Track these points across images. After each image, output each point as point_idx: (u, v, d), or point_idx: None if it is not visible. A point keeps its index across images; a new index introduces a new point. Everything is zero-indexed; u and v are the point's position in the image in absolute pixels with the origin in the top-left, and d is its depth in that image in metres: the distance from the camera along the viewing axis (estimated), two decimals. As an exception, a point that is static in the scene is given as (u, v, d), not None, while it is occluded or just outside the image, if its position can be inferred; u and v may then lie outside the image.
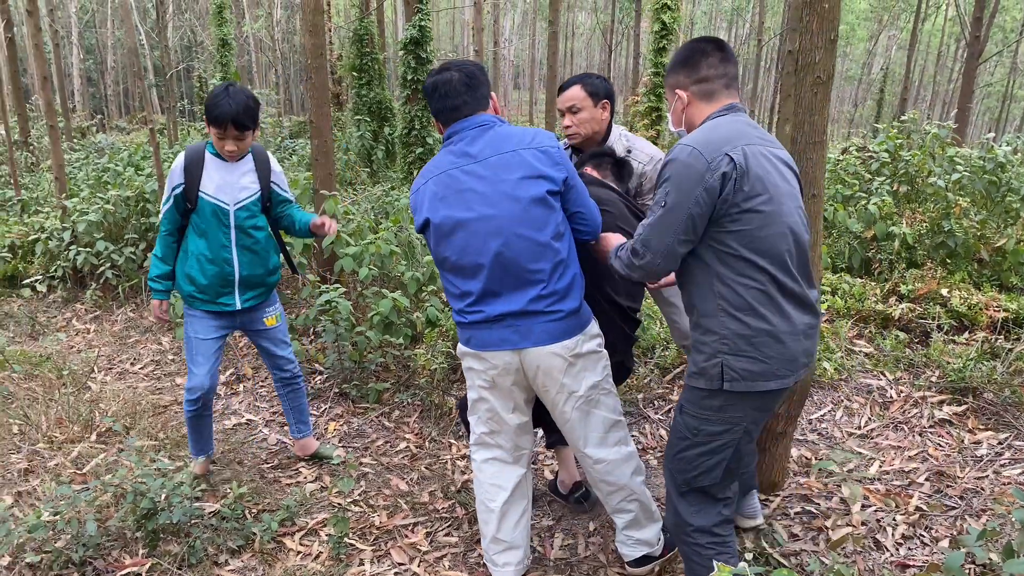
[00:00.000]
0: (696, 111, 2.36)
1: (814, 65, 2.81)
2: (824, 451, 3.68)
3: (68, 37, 33.56)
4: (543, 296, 2.39)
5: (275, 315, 3.58)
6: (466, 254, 2.42)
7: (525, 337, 2.42)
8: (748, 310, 2.15)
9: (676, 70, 2.40)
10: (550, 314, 2.41)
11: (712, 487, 2.36)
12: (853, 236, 5.84)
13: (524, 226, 2.36)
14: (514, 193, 2.36)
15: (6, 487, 3.59)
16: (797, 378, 2.26)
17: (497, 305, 2.43)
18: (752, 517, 3.01)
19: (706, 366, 2.23)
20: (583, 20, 49.22)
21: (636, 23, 22.75)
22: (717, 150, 2.11)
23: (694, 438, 2.32)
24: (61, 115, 17.67)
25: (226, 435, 4.24)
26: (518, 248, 2.36)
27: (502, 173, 2.38)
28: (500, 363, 2.50)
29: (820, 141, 2.87)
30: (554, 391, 2.51)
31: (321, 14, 4.95)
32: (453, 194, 2.42)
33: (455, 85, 2.47)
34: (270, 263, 3.46)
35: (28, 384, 4.85)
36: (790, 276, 2.19)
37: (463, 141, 2.47)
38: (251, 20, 32.98)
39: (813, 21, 2.79)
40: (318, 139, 5.40)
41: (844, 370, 4.34)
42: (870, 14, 39.31)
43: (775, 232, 2.15)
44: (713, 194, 2.10)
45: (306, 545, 3.15)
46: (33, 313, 6.63)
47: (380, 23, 18.25)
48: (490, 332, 2.47)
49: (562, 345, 2.43)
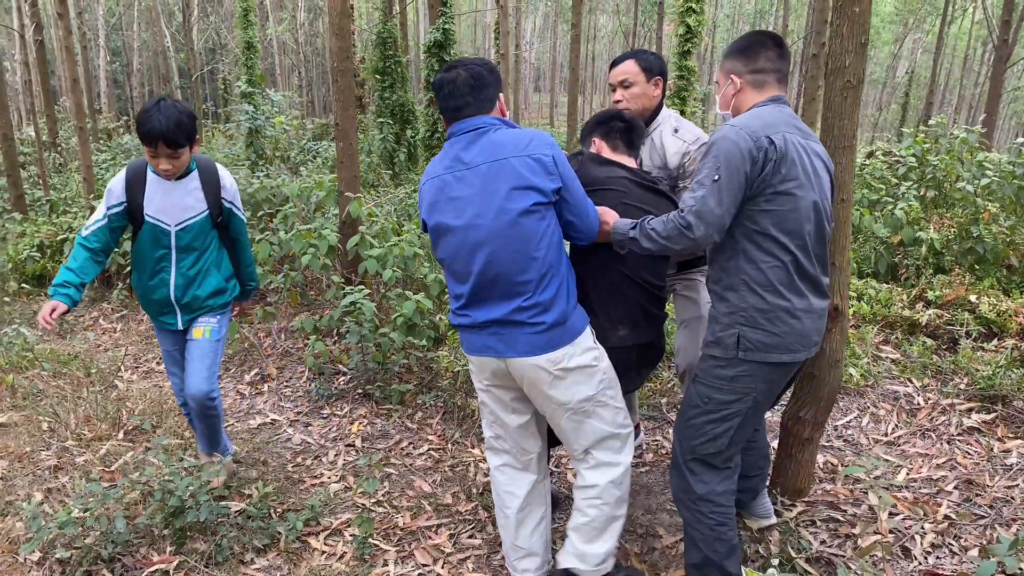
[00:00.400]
0: (745, 98, 2.50)
1: (844, 69, 2.79)
2: (850, 458, 3.64)
3: (95, 39, 33.98)
4: (525, 307, 2.36)
5: (206, 328, 3.31)
6: (456, 260, 2.43)
7: (510, 347, 2.41)
8: (769, 287, 2.31)
9: (734, 57, 2.52)
10: (533, 325, 2.37)
11: (715, 455, 2.48)
12: (879, 241, 5.78)
13: (511, 238, 2.33)
14: (503, 205, 2.32)
15: (36, 483, 3.64)
16: (808, 355, 2.41)
17: (483, 311, 2.42)
18: (765, 516, 3.02)
19: (723, 335, 2.39)
20: (604, 23, 49.15)
21: (658, 26, 22.68)
22: (761, 132, 2.25)
23: (705, 406, 2.45)
24: (88, 116, 17.90)
25: (251, 434, 4.27)
26: (504, 259, 2.34)
27: (492, 183, 2.34)
28: (488, 369, 2.52)
29: (850, 146, 2.84)
30: (540, 401, 2.49)
31: (347, 17, 4.98)
32: (445, 200, 2.42)
33: (459, 85, 2.43)
34: (214, 285, 3.30)
35: (57, 382, 4.91)
36: (810, 259, 2.35)
37: (459, 145, 2.45)
38: (275, 23, 33.24)
39: (843, 25, 2.77)
40: (343, 141, 5.44)
41: (870, 376, 4.30)
42: (895, 17, 38.94)
43: (803, 216, 2.29)
44: (755, 172, 2.25)
45: (330, 545, 3.16)
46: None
47: (403, 26, 18.33)
48: (477, 337, 2.48)
49: (546, 358, 2.38)
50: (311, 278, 6.40)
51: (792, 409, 3.12)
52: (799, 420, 3.09)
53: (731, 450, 2.49)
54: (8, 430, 4.21)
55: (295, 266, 5.85)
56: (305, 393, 4.84)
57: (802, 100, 13.44)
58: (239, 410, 4.66)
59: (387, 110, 15.50)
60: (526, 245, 2.33)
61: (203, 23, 33.26)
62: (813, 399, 3.04)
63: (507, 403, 2.61)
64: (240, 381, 5.12)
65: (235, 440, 4.13)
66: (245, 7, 17.59)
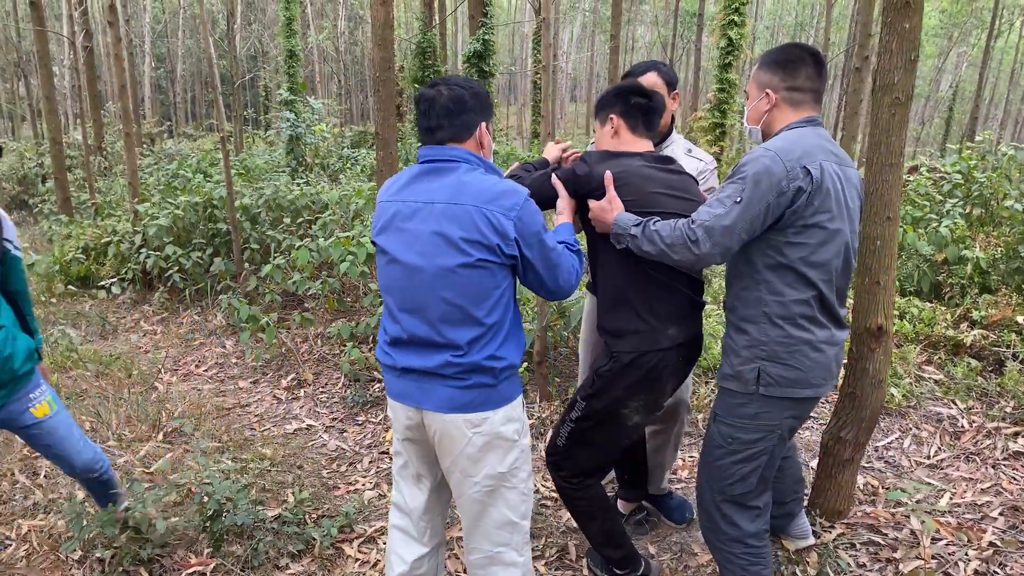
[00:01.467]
0: (780, 116, 2.36)
1: (892, 86, 2.75)
2: (891, 480, 3.57)
3: (141, 46, 34.73)
4: (453, 363, 2.12)
5: (45, 401, 2.72)
6: (392, 293, 2.21)
7: (427, 397, 2.17)
8: (791, 320, 2.21)
9: (771, 70, 2.36)
10: (458, 379, 2.13)
11: (746, 495, 2.39)
12: (923, 259, 5.68)
13: (453, 289, 2.09)
14: (450, 252, 2.08)
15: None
16: (830, 388, 2.31)
17: (407, 356, 2.19)
18: (803, 537, 2.96)
19: (742, 370, 2.28)
20: (643, 33, 49.05)
21: (698, 37, 22.58)
22: (797, 161, 2.13)
23: (729, 446, 2.35)
24: (133, 121, 18.28)
25: (286, 439, 4.31)
26: (440, 312, 2.11)
27: (445, 226, 2.08)
28: (403, 417, 2.28)
29: (896, 163, 2.80)
30: (448, 465, 2.25)
31: (391, 28, 5.03)
32: (395, 228, 2.19)
33: (436, 105, 2.17)
34: (25, 346, 2.63)
35: (99, 382, 5.00)
36: (833, 293, 2.26)
37: (422, 172, 2.20)
38: (316, 31, 33.69)
39: (893, 41, 2.73)
40: (383, 150, 5.48)
41: (913, 397, 4.21)
42: (940, 30, 38.31)
43: (832, 250, 2.20)
44: (784, 202, 2.13)
45: (364, 553, 3.17)
46: (104, 313, 6.85)
47: (442, 36, 18.47)
48: (396, 381, 2.24)
49: (464, 418, 2.15)
50: (348, 285, 6.45)
51: (833, 429, 3.07)
52: (840, 440, 3.04)
53: (761, 487, 2.42)
54: (51, 429, 4.29)
55: (333, 273, 5.90)
56: (340, 399, 4.87)
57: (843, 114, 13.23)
58: (275, 415, 4.71)
59: (425, 119, 15.60)
60: (468, 300, 2.10)
61: (246, 31, 33.81)
62: (854, 419, 2.99)
63: (416, 461, 2.37)
64: (277, 386, 5.18)
65: (271, 444, 4.17)
66: (289, 16, 17.85)
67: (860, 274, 2.91)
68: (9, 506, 3.50)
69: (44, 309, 7.06)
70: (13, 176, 18.27)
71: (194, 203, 7.43)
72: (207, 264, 7.02)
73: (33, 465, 3.86)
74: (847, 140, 10.73)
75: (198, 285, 7.01)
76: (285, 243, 6.82)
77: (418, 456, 2.36)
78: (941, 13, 36.59)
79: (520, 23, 42.50)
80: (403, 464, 2.41)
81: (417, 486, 2.40)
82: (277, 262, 5.81)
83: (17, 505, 3.51)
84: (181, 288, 6.98)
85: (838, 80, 28.60)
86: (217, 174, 10.35)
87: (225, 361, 5.73)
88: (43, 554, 3.11)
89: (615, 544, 2.75)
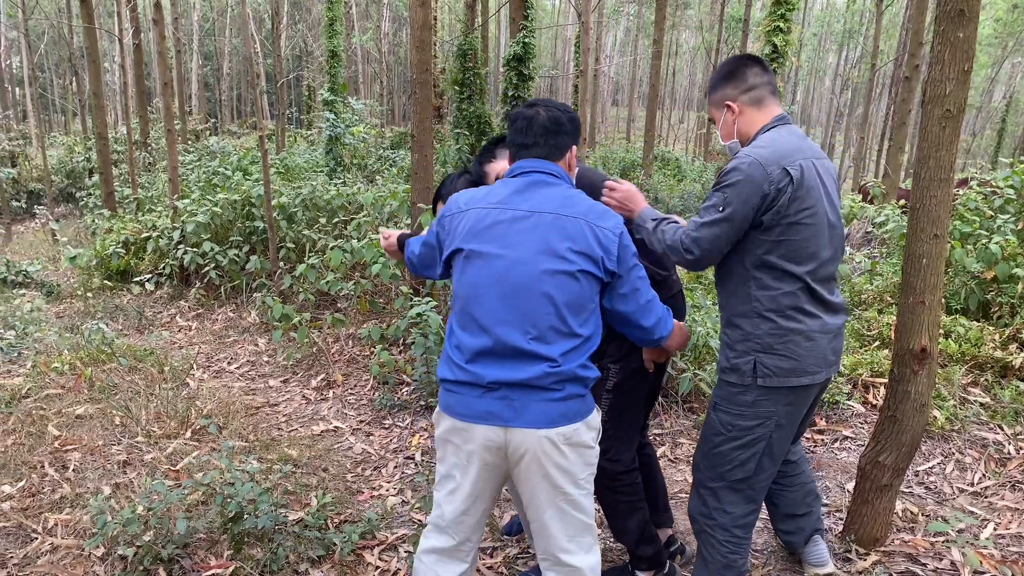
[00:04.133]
0: (748, 120, 2.45)
1: (944, 98, 2.63)
2: (932, 507, 3.43)
3: (190, 44, 35.36)
4: (550, 373, 2.06)
5: None
6: (481, 298, 2.11)
7: (519, 414, 2.07)
8: (780, 313, 2.32)
9: (722, 84, 2.48)
10: (553, 391, 2.08)
11: (744, 480, 2.46)
12: (971, 276, 5.49)
13: (559, 290, 2.07)
14: (557, 259, 2.08)
15: (105, 477, 3.72)
16: (828, 375, 2.41)
17: (495, 369, 2.08)
18: (819, 564, 2.84)
19: (738, 363, 2.39)
20: (687, 38, 48.67)
21: (743, 43, 22.30)
22: (777, 164, 2.23)
23: (728, 433, 2.44)
24: (178, 118, 18.58)
25: (313, 440, 4.29)
26: (539, 318, 2.07)
27: (555, 234, 2.10)
28: (479, 439, 2.12)
29: (946, 179, 2.68)
30: (535, 481, 2.15)
31: (429, 30, 5.00)
32: (490, 231, 2.14)
33: (535, 124, 2.24)
34: None
35: (132, 377, 5.04)
36: (821, 282, 2.35)
37: (514, 186, 2.21)
38: (360, 32, 33.97)
39: (945, 51, 2.61)
40: (419, 153, 5.46)
41: (956, 420, 4.06)
42: (994, 40, 37.40)
43: (817, 243, 2.30)
44: (767, 204, 2.24)
45: (385, 560, 3.13)
46: (141, 308, 6.93)
47: (484, 39, 18.47)
48: (478, 400, 2.10)
49: (558, 432, 2.09)
50: (381, 287, 6.44)
51: (871, 453, 2.95)
52: (878, 465, 2.92)
53: (759, 476, 2.47)
54: (84, 422, 4.34)
55: (366, 274, 5.89)
56: (369, 402, 4.85)
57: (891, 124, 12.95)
58: (304, 415, 4.70)
59: (464, 121, 15.62)
60: (568, 308, 2.08)
61: (291, 30, 34.24)
62: (894, 444, 2.87)
63: (481, 484, 2.21)
64: (306, 386, 5.18)
65: (297, 445, 4.16)
66: (332, 16, 18.00)
67: (904, 293, 2.79)
68: (37, 499, 3.52)
69: (83, 302, 7.17)
70: (62, 169, 18.72)
71: (232, 201, 7.50)
72: (243, 262, 7.08)
73: (62, 458, 3.89)
74: (894, 151, 10.49)
75: (234, 282, 7.07)
76: (320, 243, 6.84)
77: (485, 479, 2.20)
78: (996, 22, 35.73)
79: (563, 26, 42.42)
80: (454, 488, 2.24)
81: (472, 507, 2.25)
82: (311, 262, 5.81)
83: (45, 498, 3.53)
84: (217, 285, 7.04)
85: (886, 89, 28.04)
86: (257, 172, 10.44)
87: (257, 359, 5.75)
88: (67, 549, 3.12)
89: (650, 538, 2.76)
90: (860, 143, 25.04)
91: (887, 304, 5.51)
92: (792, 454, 2.79)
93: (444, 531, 2.29)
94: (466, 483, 2.20)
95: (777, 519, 2.90)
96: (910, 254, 2.74)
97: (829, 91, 49.77)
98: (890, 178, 10.41)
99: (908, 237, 2.76)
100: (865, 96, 26.51)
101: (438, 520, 2.30)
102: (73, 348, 5.48)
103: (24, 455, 3.89)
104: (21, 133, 22.12)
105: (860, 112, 30.30)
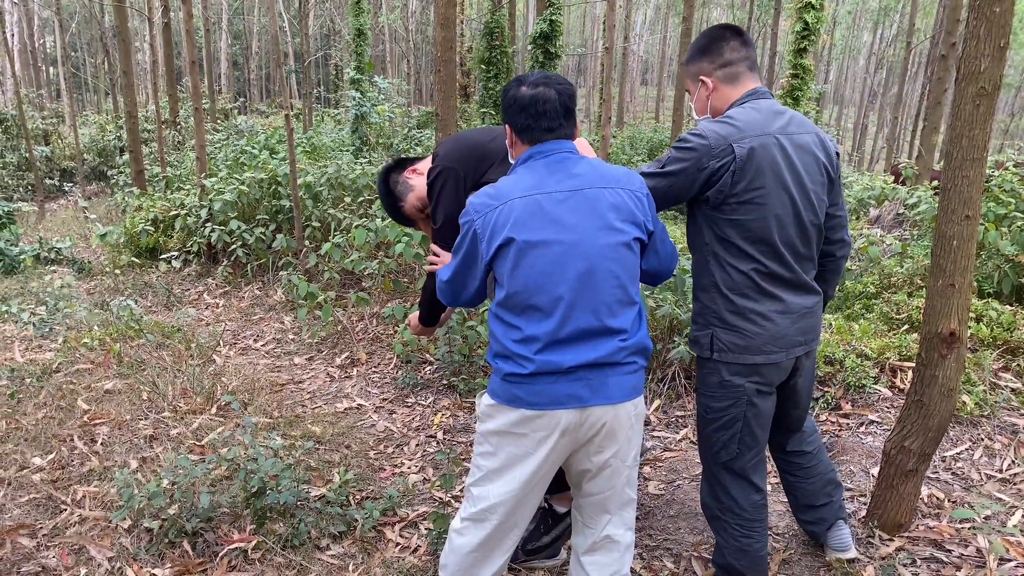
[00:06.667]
0: (721, 96, 2.44)
1: (978, 75, 2.55)
2: (958, 493, 3.38)
3: (219, 23, 35.53)
4: (623, 347, 2.11)
5: None
6: (544, 285, 2.06)
7: (597, 392, 2.09)
8: (736, 290, 2.35)
9: (698, 58, 2.47)
10: (627, 365, 2.13)
11: (733, 461, 2.49)
12: (1005, 259, 5.37)
13: (618, 263, 2.09)
14: (611, 232, 2.09)
15: (133, 451, 3.78)
16: (791, 355, 2.41)
17: (572, 352, 2.07)
18: (842, 550, 2.82)
19: (699, 335, 2.46)
20: (718, 16, 47.92)
21: (775, 21, 21.93)
22: (725, 140, 2.25)
23: (707, 415, 2.50)
24: (207, 97, 18.70)
25: (336, 418, 4.33)
26: (607, 293, 2.08)
27: (603, 208, 2.10)
28: (556, 424, 2.10)
29: (979, 158, 2.61)
30: (606, 455, 2.18)
31: (453, 7, 4.96)
32: (540, 218, 2.08)
33: (555, 104, 2.16)
34: None
35: (159, 353, 5.11)
36: (781, 263, 2.34)
37: (557, 163, 2.17)
38: (387, 11, 33.89)
39: (980, 26, 2.53)
40: (443, 132, 5.43)
41: (986, 406, 3.98)
42: (1035, 17, 36.39)
43: (770, 224, 2.29)
44: (706, 177, 2.27)
45: (405, 537, 3.16)
46: (169, 285, 7.01)
47: (512, 16, 18.33)
48: (556, 386, 2.07)
49: (632, 403, 2.17)
50: (404, 266, 6.45)
51: (896, 437, 2.91)
52: (903, 450, 2.88)
53: (745, 457, 2.49)
54: (112, 397, 4.41)
55: (390, 253, 5.90)
56: (392, 380, 4.88)
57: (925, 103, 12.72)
58: (327, 393, 4.74)
59: (490, 100, 15.56)
60: (628, 278, 2.12)
61: (319, 9, 34.22)
62: (921, 429, 2.83)
63: (548, 468, 2.19)
64: (331, 364, 5.21)
65: (320, 422, 4.20)
66: (359, -6, 17.96)
67: (933, 275, 2.73)
68: (66, 471, 3.59)
69: (113, 279, 7.27)
70: (93, 148, 18.96)
71: (259, 179, 7.53)
72: (270, 240, 7.12)
73: (91, 432, 3.96)
74: (929, 131, 10.26)
75: (260, 261, 7.12)
76: (345, 222, 6.86)
77: (553, 463, 2.18)
78: (1037, -2, 34.74)
79: (591, 3, 41.97)
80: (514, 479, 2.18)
81: (531, 494, 2.22)
82: (336, 241, 5.83)
83: (74, 471, 3.60)
84: (244, 263, 7.09)
85: (922, 68, 27.45)
86: (283, 151, 10.48)
87: (282, 337, 5.80)
88: (95, 520, 3.18)
89: None
90: (894, 124, 24.58)
91: (917, 287, 5.42)
92: (807, 444, 2.76)
93: (492, 526, 2.22)
94: (528, 473, 2.15)
95: (797, 510, 2.88)
96: (940, 235, 2.68)
97: (863, 70, 48.86)
98: (923, 159, 10.21)
99: (939, 218, 2.70)
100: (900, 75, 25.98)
101: (485, 515, 2.22)
102: (103, 324, 5.56)
103: (54, 428, 3.97)
104: (55, 112, 22.42)
105: (894, 92, 29.70)
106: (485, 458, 2.22)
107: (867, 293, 5.60)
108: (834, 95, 49.77)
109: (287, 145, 6.56)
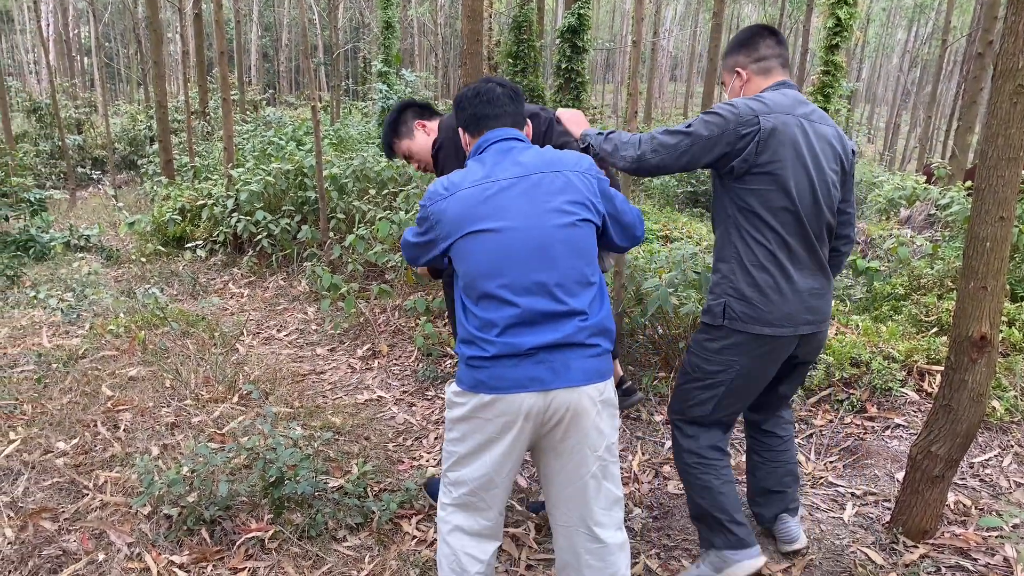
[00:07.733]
0: (753, 86, 2.57)
1: (1016, 72, 2.48)
2: (986, 500, 3.31)
3: (249, 15, 35.76)
4: (583, 327, 2.10)
5: None
6: (499, 270, 2.09)
7: (559, 375, 2.07)
8: (756, 264, 2.44)
9: (735, 52, 2.62)
10: (589, 347, 2.11)
11: (702, 416, 2.64)
12: (1039, 262, 5.25)
13: (571, 245, 2.11)
14: (560, 214, 2.11)
15: (154, 438, 3.81)
16: (798, 332, 2.48)
17: (531, 335, 2.07)
18: (790, 541, 2.88)
19: (713, 304, 2.54)
20: (748, 12, 47.44)
21: (807, 18, 21.66)
22: (752, 112, 2.36)
23: (693, 374, 2.62)
24: (236, 88, 18.83)
25: (356, 409, 4.33)
26: (562, 274, 2.09)
27: (551, 192, 2.13)
28: (519, 408, 2.09)
29: (1015, 158, 2.54)
30: (571, 443, 2.14)
31: (480, 0, 4.94)
32: (484, 207, 2.13)
33: (499, 94, 2.30)
34: None
35: (183, 341, 5.15)
36: (799, 237, 2.43)
37: (503, 152, 2.22)
38: (416, 4, 33.94)
39: (1019, 22, 2.46)
40: (468, 124, 5.42)
41: (1017, 412, 3.90)
42: (1075, 15, 35.62)
43: (788, 196, 2.38)
44: (731, 146, 2.35)
45: (422, 530, 3.15)
46: (196, 274, 7.07)
47: (540, 10, 18.27)
48: (516, 369, 2.07)
49: (595, 387, 2.13)
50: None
51: (923, 442, 2.85)
52: (930, 455, 2.82)
53: (717, 414, 2.62)
54: (136, 383, 4.45)
55: (413, 246, 5.89)
56: (412, 372, 4.87)
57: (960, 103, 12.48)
58: (348, 384, 4.75)
59: (517, 94, 15.51)
60: (582, 259, 2.13)
61: (348, 2, 34.36)
62: (948, 434, 2.77)
63: (514, 455, 2.19)
64: (352, 355, 5.23)
65: (341, 413, 4.20)
66: (388, -13, 17.99)
67: (965, 277, 2.67)
68: (89, 456, 3.63)
69: (140, 267, 7.35)
70: (124, 137, 19.19)
71: (285, 171, 7.57)
72: (295, 231, 7.15)
73: (114, 418, 3.99)
74: (963, 131, 10.08)
75: (285, 251, 7.15)
76: (369, 214, 6.87)
77: (519, 449, 2.18)
78: (1078, -3, 34.02)
79: (621, -1, 41.71)
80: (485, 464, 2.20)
81: (505, 479, 2.23)
82: (360, 233, 5.84)
83: (96, 456, 3.63)
84: (269, 253, 7.13)
85: (958, 67, 26.97)
86: (310, 143, 10.53)
87: (305, 327, 5.82)
88: (116, 506, 3.21)
89: None
90: (927, 123, 24.17)
91: (947, 290, 5.31)
92: (781, 430, 2.90)
93: (475, 509, 2.27)
94: (497, 456, 2.17)
95: (753, 492, 2.97)
96: (973, 236, 2.62)
97: (896, 68, 48.13)
98: (957, 159, 10.03)
99: (972, 219, 2.63)
100: (934, 74, 25.54)
101: (465, 500, 2.26)
102: (129, 312, 5.62)
103: (79, 414, 4.01)
104: (87, 101, 22.72)
105: (928, 91, 29.21)
106: (455, 444, 2.25)
107: (896, 294, 5.51)
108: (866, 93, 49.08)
109: (314, 137, 6.58)
